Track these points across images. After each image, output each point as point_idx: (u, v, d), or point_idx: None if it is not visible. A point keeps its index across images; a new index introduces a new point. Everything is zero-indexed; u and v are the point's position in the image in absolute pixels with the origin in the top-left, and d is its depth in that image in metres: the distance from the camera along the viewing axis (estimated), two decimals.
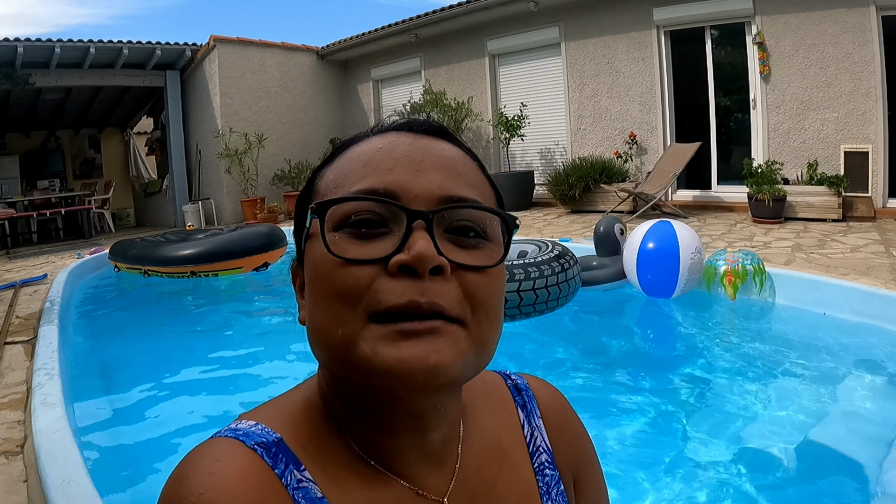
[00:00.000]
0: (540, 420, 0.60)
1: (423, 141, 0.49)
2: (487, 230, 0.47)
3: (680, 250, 3.85)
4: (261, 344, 4.05)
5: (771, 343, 3.40)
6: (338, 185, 0.47)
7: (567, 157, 8.83)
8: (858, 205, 6.23)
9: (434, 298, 0.42)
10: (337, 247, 0.43)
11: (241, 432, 0.45)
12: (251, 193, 10.61)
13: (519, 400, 0.60)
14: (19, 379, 3.06)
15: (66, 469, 1.86)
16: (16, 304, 4.96)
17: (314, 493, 0.43)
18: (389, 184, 0.45)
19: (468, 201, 0.46)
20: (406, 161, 0.46)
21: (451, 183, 0.46)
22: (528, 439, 0.58)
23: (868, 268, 4.04)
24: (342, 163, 0.49)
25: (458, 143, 0.52)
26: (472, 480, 0.51)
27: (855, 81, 6.43)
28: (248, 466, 0.42)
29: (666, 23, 7.82)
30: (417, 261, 0.41)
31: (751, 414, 2.61)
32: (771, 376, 2.97)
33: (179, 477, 0.41)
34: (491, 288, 0.45)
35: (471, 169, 0.50)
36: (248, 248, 5.62)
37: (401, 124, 0.51)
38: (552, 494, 0.56)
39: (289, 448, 0.44)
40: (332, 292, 0.43)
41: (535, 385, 0.63)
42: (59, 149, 14.12)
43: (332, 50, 11.56)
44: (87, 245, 9.06)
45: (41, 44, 9.25)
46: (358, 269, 0.42)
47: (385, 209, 0.44)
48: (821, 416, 2.51)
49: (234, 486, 0.40)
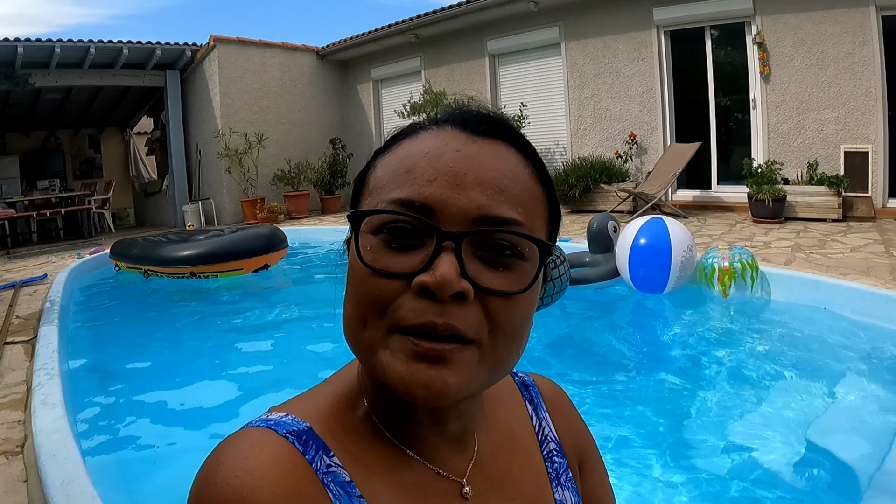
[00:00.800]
0: (546, 413, 0.64)
1: (474, 146, 0.47)
2: (525, 250, 0.46)
3: (672, 247, 3.88)
4: (261, 344, 4.05)
5: (770, 342, 3.40)
6: (382, 186, 0.47)
7: (567, 157, 8.83)
8: (858, 205, 6.23)
9: (451, 321, 0.43)
10: (370, 254, 0.45)
11: (272, 422, 0.47)
12: (251, 193, 10.61)
13: (526, 395, 0.64)
14: (19, 379, 3.06)
15: (66, 469, 1.86)
16: (16, 304, 4.96)
17: (342, 476, 0.45)
18: (427, 197, 0.44)
19: (507, 222, 0.45)
20: (449, 173, 0.45)
21: (491, 202, 0.45)
22: (537, 430, 0.62)
23: (868, 268, 4.04)
24: (392, 158, 0.49)
25: (516, 144, 0.50)
26: (489, 465, 0.55)
27: (855, 81, 6.43)
28: (281, 452, 0.43)
29: (666, 23, 7.82)
30: (438, 286, 0.42)
31: (748, 412, 2.61)
32: (769, 375, 2.97)
33: (214, 462, 0.42)
34: (514, 313, 0.46)
35: (520, 181, 0.48)
36: (248, 249, 5.61)
37: (459, 118, 0.50)
38: (561, 480, 0.60)
39: (318, 436, 0.46)
40: (361, 297, 0.45)
41: (540, 381, 0.67)
42: (59, 149, 14.12)
43: (332, 50, 11.56)
44: (87, 245, 9.06)
45: (41, 44, 9.25)
46: (386, 282, 0.44)
47: (420, 224, 0.44)
48: (820, 415, 2.51)
49: (269, 470, 0.42)
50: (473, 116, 0.50)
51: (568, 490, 0.59)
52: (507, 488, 0.55)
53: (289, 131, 11.44)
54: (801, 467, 2.15)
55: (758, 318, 3.84)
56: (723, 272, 3.87)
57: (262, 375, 3.39)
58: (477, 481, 0.53)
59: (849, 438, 2.31)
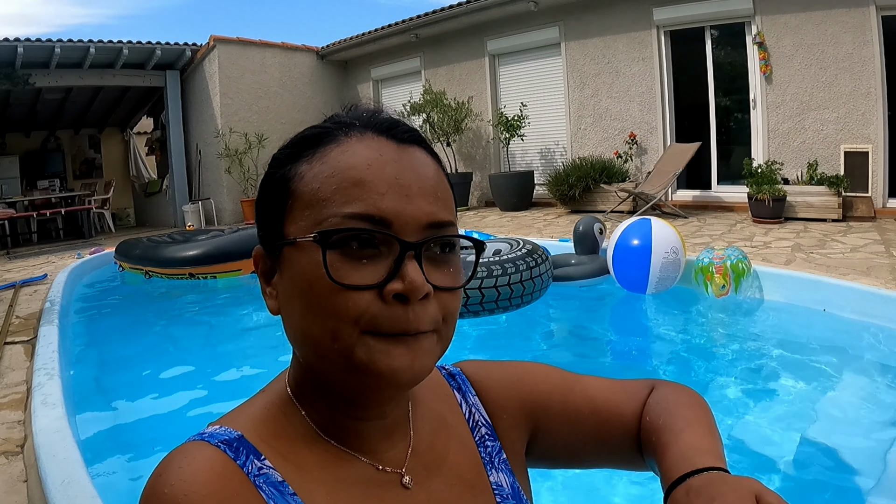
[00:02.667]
0: (475, 397, 0.66)
1: (405, 155, 0.51)
2: (456, 246, 0.53)
3: (653, 248, 3.93)
4: (262, 344, 4.05)
5: (769, 342, 3.40)
6: (326, 199, 0.49)
7: (567, 157, 8.83)
8: (858, 205, 6.23)
9: (418, 326, 0.48)
10: (335, 271, 0.47)
11: (206, 434, 0.50)
12: (251, 193, 10.61)
13: (454, 384, 0.66)
14: (19, 379, 3.06)
15: (66, 469, 1.86)
16: (16, 304, 4.96)
17: (274, 477, 0.48)
18: (384, 211, 0.48)
19: (447, 224, 0.51)
20: (396, 184, 0.49)
21: (434, 208, 0.50)
22: (468, 416, 0.64)
23: (868, 268, 4.04)
24: (326, 169, 0.50)
25: (430, 151, 0.55)
26: (426, 454, 0.57)
27: (855, 81, 6.43)
28: (212, 460, 0.47)
29: (666, 23, 7.82)
30: (411, 291, 0.47)
31: (747, 412, 2.61)
32: (769, 375, 2.97)
33: (156, 474, 0.46)
34: (457, 300, 0.53)
35: (443, 184, 0.53)
36: (246, 250, 5.52)
37: (381, 125, 0.52)
38: (495, 463, 0.62)
39: (249, 442, 0.49)
40: (328, 311, 0.48)
41: (467, 367, 0.69)
42: (59, 149, 14.12)
43: (332, 50, 11.56)
44: (87, 245, 9.06)
45: (41, 44, 9.25)
46: (356, 294, 0.47)
47: (381, 236, 0.48)
48: (820, 415, 2.51)
49: (201, 475, 0.45)
50: (393, 124, 0.53)
51: (502, 472, 0.61)
52: (445, 474, 0.57)
53: (289, 131, 10.89)
54: (800, 468, 2.15)
55: (757, 319, 3.84)
56: (715, 273, 3.90)
57: (262, 376, 3.39)
58: (416, 470, 0.55)
59: (849, 439, 2.31)
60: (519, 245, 3.81)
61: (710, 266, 3.92)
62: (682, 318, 4.08)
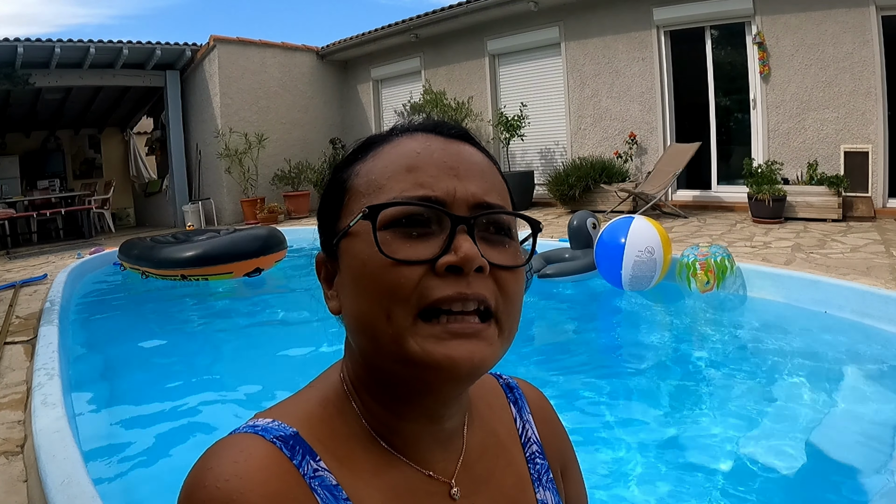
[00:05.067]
0: (530, 416, 0.65)
1: (452, 146, 0.52)
2: (512, 230, 0.53)
3: (626, 247, 4.03)
4: (262, 345, 4.05)
5: (768, 342, 3.39)
6: (381, 187, 0.50)
7: (567, 157, 8.83)
8: (858, 205, 6.23)
9: (479, 290, 0.47)
10: (388, 247, 0.47)
11: (259, 428, 0.48)
12: (251, 193, 10.62)
13: (511, 397, 0.66)
14: (19, 379, 3.06)
15: (66, 469, 1.86)
16: (16, 304, 4.96)
17: (329, 480, 0.47)
18: (436, 189, 0.48)
19: (498, 207, 0.51)
20: (446, 167, 0.50)
21: (483, 190, 0.50)
22: (521, 432, 0.63)
23: (868, 268, 4.04)
24: (379, 163, 0.52)
25: (481, 148, 0.56)
26: (476, 466, 0.56)
27: (855, 81, 6.43)
28: (269, 457, 0.45)
29: (666, 23, 7.82)
30: (465, 261, 0.46)
31: (746, 413, 2.60)
32: (768, 375, 2.97)
33: (204, 467, 0.44)
34: (517, 284, 0.51)
35: (495, 175, 0.54)
36: (238, 252, 5.40)
37: (428, 126, 0.55)
38: (543, 481, 0.61)
39: (305, 441, 0.48)
40: (382, 289, 0.47)
41: (524, 385, 0.69)
42: (59, 149, 14.12)
43: (332, 50, 11.56)
44: (87, 245, 9.06)
45: (41, 44, 9.25)
46: (408, 269, 0.46)
47: (432, 213, 0.48)
48: (820, 416, 2.50)
49: (257, 474, 0.43)
50: (439, 124, 0.55)
51: (549, 491, 0.61)
52: (491, 489, 0.56)
53: (289, 131, 11.44)
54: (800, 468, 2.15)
55: (757, 318, 3.84)
56: (699, 269, 3.95)
57: (263, 376, 3.39)
58: (464, 482, 0.54)
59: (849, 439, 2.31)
60: None
61: (694, 263, 3.99)
62: (682, 316, 4.08)
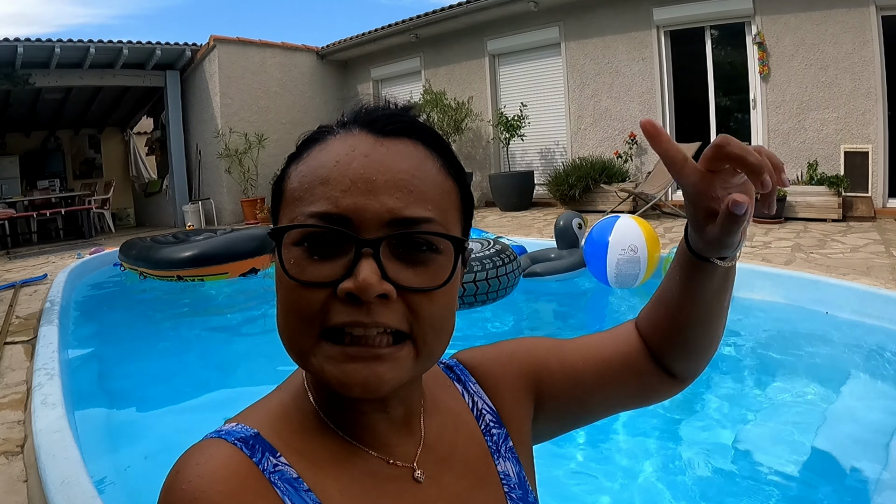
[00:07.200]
0: (476, 385, 0.65)
1: (381, 149, 0.49)
2: (439, 245, 0.49)
3: (610, 244, 4.08)
4: (262, 345, 4.05)
5: (768, 342, 3.40)
6: (299, 199, 0.49)
7: (567, 157, 8.83)
8: (858, 205, 6.23)
9: (378, 319, 0.47)
10: (294, 267, 0.48)
11: (223, 432, 0.51)
12: (251, 193, 10.62)
13: (453, 376, 0.66)
14: (19, 379, 3.06)
15: (66, 469, 1.86)
16: (16, 304, 4.96)
17: (289, 474, 0.49)
18: (343, 208, 0.47)
19: (418, 221, 0.48)
20: (360, 180, 0.48)
21: (401, 204, 0.48)
22: (471, 406, 0.64)
23: (868, 268, 4.04)
24: (305, 169, 0.51)
25: (424, 140, 0.52)
26: (437, 447, 0.57)
27: (855, 81, 6.43)
28: (229, 457, 0.47)
29: (666, 23, 7.82)
30: (361, 290, 0.45)
31: (746, 413, 2.61)
32: (768, 375, 2.97)
33: (173, 472, 0.47)
34: (435, 306, 0.49)
35: (428, 178, 0.50)
36: (233, 253, 5.34)
37: (365, 119, 0.52)
38: (502, 451, 0.62)
39: (265, 440, 0.50)
40: (290, 308, 0.49)
41: (462, 356, 0.69)
42: (59, 149, 14.12)
43: (332, 50, 11.56)
44: (87, 245, 9.06)
45: (41, 44, 9.25)
46: (313, 291, 0.47)
47: (337, 233, 0.47)
48: (820, 416, 2.50)
49: (217, 472, 0.46)
50: (379, 117, 0.52)
51: (509, 461, 0.61)
52: (455, 466, 0.57)
53: (289, 131, 11.43)
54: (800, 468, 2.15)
55: (757, 318, 3.84)
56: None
57: (263, 376, 3.39)
58: (427, 464, 0.55)
59: (849, 439, 2.31)
60: (489, 245, 4.02)
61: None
62: None
